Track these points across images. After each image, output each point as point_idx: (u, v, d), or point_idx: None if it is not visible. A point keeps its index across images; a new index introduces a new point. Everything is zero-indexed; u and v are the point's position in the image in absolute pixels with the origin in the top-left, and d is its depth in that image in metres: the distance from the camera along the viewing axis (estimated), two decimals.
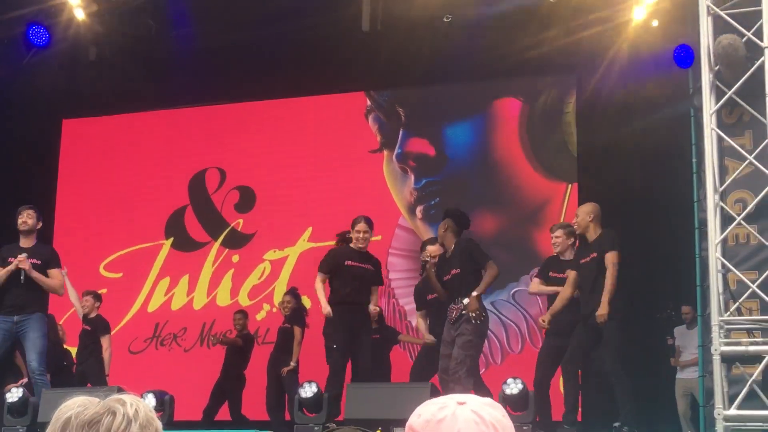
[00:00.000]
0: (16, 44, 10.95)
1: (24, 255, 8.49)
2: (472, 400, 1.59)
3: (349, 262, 8.82)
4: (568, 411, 8.41)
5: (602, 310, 8.04)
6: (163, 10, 10.98)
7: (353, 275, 8.79)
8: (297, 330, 10.54)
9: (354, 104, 12.62)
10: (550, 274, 8.93)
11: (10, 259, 8.61)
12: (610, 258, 8.18)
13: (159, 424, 1.69)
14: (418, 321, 9.80)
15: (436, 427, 1.54)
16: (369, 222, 8.99)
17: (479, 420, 1.54)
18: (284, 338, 10.68)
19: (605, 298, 8.06)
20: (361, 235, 8.88)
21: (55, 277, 8.67)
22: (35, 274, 8.49)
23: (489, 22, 10.60)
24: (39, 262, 8.59)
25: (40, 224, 8.81)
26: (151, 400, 7.97)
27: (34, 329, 8.38)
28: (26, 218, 8.69)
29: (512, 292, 11.41)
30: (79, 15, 10.54)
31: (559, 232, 8.99)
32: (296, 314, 10.69)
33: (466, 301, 8.31)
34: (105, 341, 10.64)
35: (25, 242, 8.70)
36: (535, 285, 9.15)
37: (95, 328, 10.67)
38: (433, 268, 8.84)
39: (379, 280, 9.12)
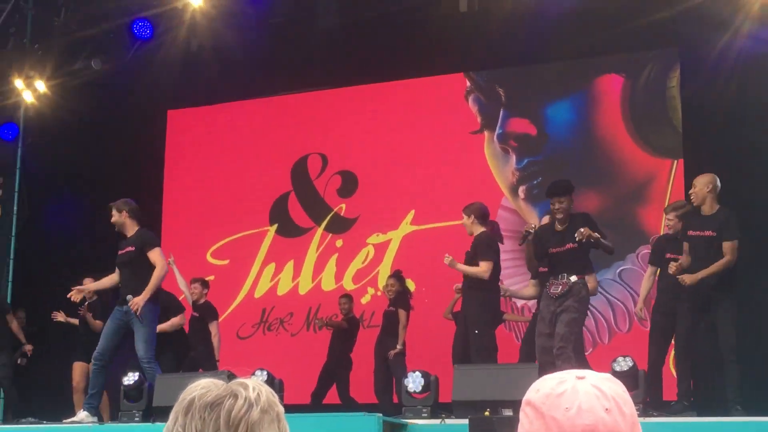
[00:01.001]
0: (121, 38, 11.22)
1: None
2: (591, 374, 1.57)
3: None
4: (681, 393, 8.19)
5: (693, 279, 7.82)
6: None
7: None
8: (402, 313, 10.55)
9: (453, 85, 12.56)
10: (667, 256, 8.51)
11: (120, 250, 8.85)
12: (730, 247, 7.89)
13: (281, 408, 1.70)
14: (526, 289, 9.75)
15: (557, 401, 1.52)
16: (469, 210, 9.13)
17: (600, 394, 1.53)
18: (389, 321, 10.70)
19: (705, 272, 7.81)
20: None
21: (155, 260, 8.67)
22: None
23: None
24: (133, 248, 8.74)
25: (124, 214, 8.82)
26: (263, 376, 8.11)
27: (137, 319, 8.55)
28: (111, 218, 8.93)
29: (618, 270, 11.24)
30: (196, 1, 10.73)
31: (672, 215, 8.79)
32: (401, 297, 10.70)
33: (573, 278, 8.08)
34: (213, 327, 10.84)
35: (128, 234, 8.91)
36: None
37: (204, 314, 10.88)
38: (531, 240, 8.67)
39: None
